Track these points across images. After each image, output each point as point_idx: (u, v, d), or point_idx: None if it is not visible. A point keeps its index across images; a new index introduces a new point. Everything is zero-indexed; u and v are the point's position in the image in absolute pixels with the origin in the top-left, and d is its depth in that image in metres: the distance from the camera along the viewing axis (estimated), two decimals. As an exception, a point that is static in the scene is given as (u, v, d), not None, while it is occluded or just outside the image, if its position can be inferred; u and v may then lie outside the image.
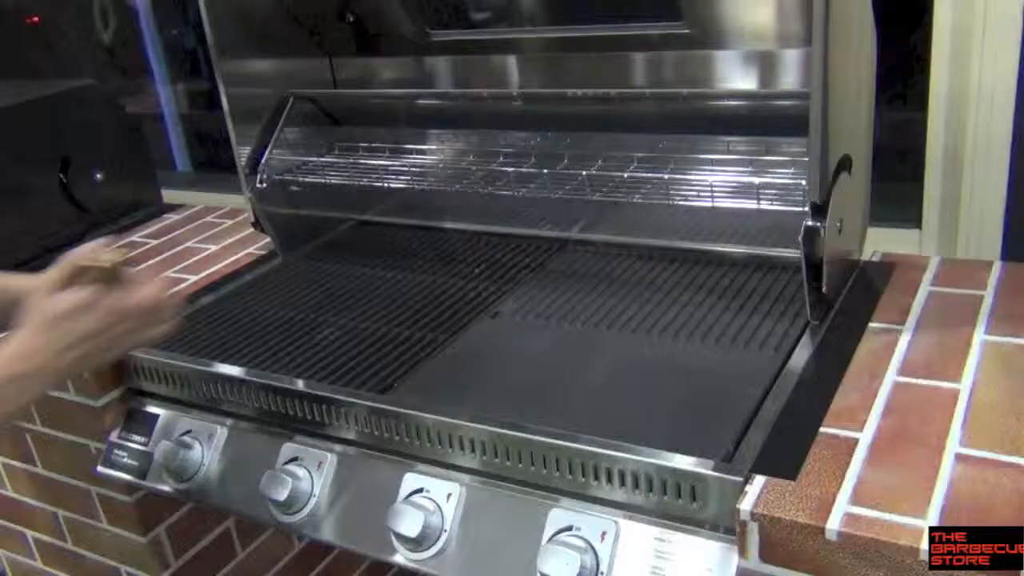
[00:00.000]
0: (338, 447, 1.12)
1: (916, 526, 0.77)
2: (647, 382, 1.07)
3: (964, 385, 0.96)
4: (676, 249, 1.38)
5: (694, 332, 1.16)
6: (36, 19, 2.48)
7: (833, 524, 0.79)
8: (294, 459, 1.13)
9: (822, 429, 0.92)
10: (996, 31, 1.22)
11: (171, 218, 1.91)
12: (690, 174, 1.22)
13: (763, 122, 1.26)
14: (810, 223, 1.05)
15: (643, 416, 1.00)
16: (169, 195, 2.03)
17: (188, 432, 1.23)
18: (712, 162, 1.27)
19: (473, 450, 1.01)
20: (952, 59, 1.28)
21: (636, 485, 0.91)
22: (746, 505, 0.83)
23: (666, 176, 1.22)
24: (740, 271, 1.30)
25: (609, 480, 0.93)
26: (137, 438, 1.27)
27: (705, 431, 0.94)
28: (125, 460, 1.28)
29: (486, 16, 1.50)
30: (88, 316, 0.94)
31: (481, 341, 1.21)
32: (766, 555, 0.83)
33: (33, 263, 1.55)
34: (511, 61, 1.47)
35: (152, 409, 1.28)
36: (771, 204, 1.15)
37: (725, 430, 0.93)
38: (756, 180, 1.16)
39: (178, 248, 1.71)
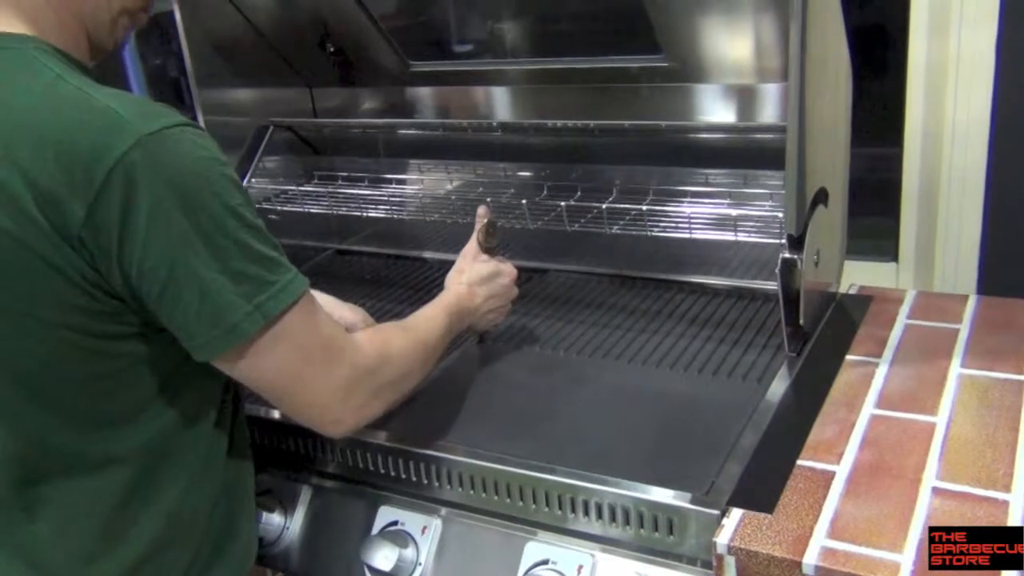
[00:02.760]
0: (313, 478, 1.10)
1: (893, 561, 0.77)
2: (625, 413, 1.06)
3: (940, 418, 0.96)
4: (656, 280, 1.38)
5: (674, 362, 1.15)
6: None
7: (810, 558, 0.78)
8: (268, 491, 1.11)
9: (799, 462, 0.92)
10: (970, 68, 1.24)
11: (148, 246, 1.89)
12: (668, 205, 1.23)
13: (741, 155, 1.27)
14: (787, 255, 1.05)
15: (621, 447, 0.99)
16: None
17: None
18: (690, 194, 1.27)
19: (449, 482, 1.00)
20: (927, 96, 1.30)
21: (613, 518, 0.91)
22: (723, 539, 0.82)
23: (644, 207, 1.22)
24: (720, 302, 1.30)
25: (586, 513, 0.92)
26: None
27: (682, 463, 0.94)
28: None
29: (467, 48, 1.51)
30: (502, 280, 1.17)
31: (465, 367, 1.20)
32: (743, 589, 0.82)
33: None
34: (492, 92, 1.48)
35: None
36: (749, 236, 1.15)
37: (703, 463, 0.92)
38: (734, 212, 1.16)
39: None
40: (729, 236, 1.16)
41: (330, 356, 0.85)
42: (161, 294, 0.77)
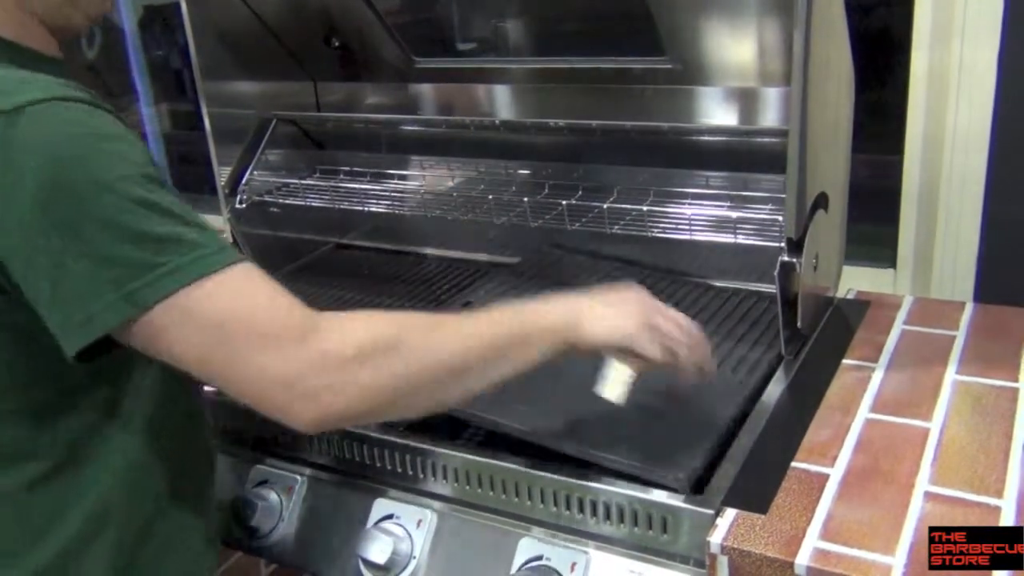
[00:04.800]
0: (308, 470, 1.11)
1: (885, 563, 0.77)
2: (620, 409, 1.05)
3: (935, 424, 0.97)
4: (656, 276, 1.38)
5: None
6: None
7: (802, 559, 0.79)
8: (263, 482, 1.12)
9: (794, 464, 0.92)
10: (972, 77, 1.25)
11: (149, 236, 1.89)
12: (669, 207, 1.23)
13: (742, 158, 1.28)
14: (786, 259, 1.06)
15: (614, 440, 0.99)
16: (148, 213, 2.01)
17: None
18: (691, 196, 1.28)
19: (445, 476, 1.00)
20: (928, 103, 1.30)
21: (607, 516, 0.91)
22: (716, 538, 0.83)
23: (645, 208, 1.23)
24: (719, 304, 1.31)
25: (581, 510, 0.92)
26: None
27: (676, 462, 0.94)
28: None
29: (471, 46, 1.51)
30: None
31: None
32: (735, 589, 0.83)
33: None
34: (495, 90, 1.48)
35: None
36: (748, 239, 1.16)
37: (695, 460, 0.93)
38: (734, 215, 1.16)
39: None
40: (729, 238, 1.16)
41: (264, 337, 0.74)
42: (24, 284, 0.73)
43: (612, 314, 0.88)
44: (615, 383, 0.90)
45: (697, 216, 1.20)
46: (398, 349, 0.78)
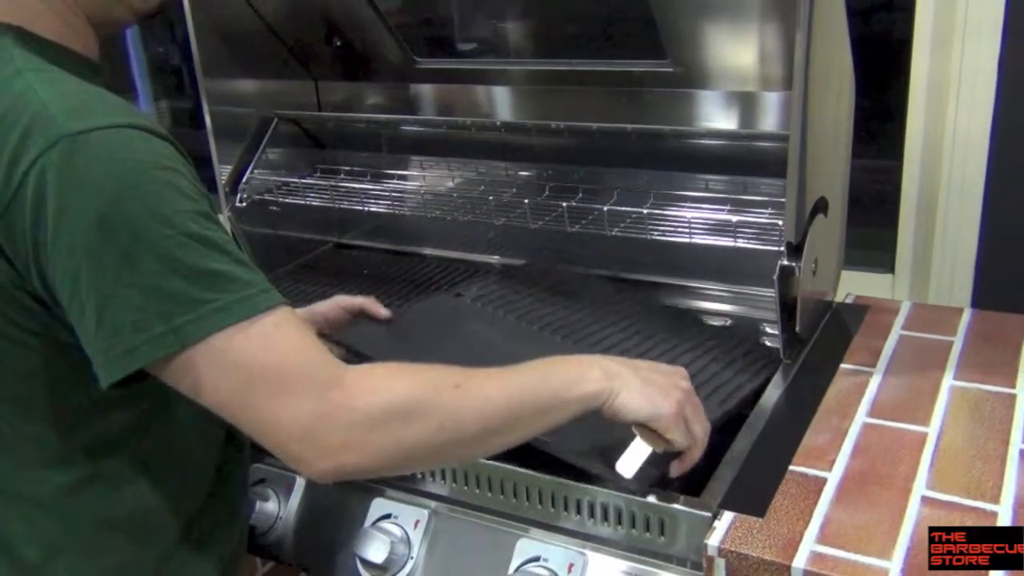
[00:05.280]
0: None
1: (881, 567, 0.78)
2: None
3: (932, 429, 0.97)
4: (652, 283, 1.39)
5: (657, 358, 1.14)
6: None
7: (799, 563, 0.79)
8: (262, 480, 1.12)
9: (791, 468, 0.92)
10: (972, 83, 1.25)
11: (148, 234, 1.89)
12: (668, 210, 1.23)
13: (742, 161, 1.28)
14: (785, 263, 1.06)
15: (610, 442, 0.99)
16: (147, 211, 2.01)
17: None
18: (691, 199, 1.28)
19: (443, 476, 1.00)
20: (928, 109, 1.31)
21: (605, 517, 0.91)
22: (713, 541, 0.83)
23: (645, 211, 1.23)
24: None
25: (578, 511, 0.93)
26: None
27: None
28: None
29: (473, 47, 1.51)
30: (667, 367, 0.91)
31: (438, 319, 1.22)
32: (732, 592, 0.83)
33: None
34: (495, 92, 1.48)
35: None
36: (748, 242, 1.16)
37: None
38: (733, 218, 1.17)
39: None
40: (728, 242, 1.17)
41: (287, 386, 0.73)
42: (69, 307, 0.73)
43: (651, 392, 0.85)
44: (635, 458, 0.87)
45: (697, 219, 1.20)
46: (425, 415, 0.76)
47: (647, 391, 0.85)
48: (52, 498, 0.84)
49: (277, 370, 0.73)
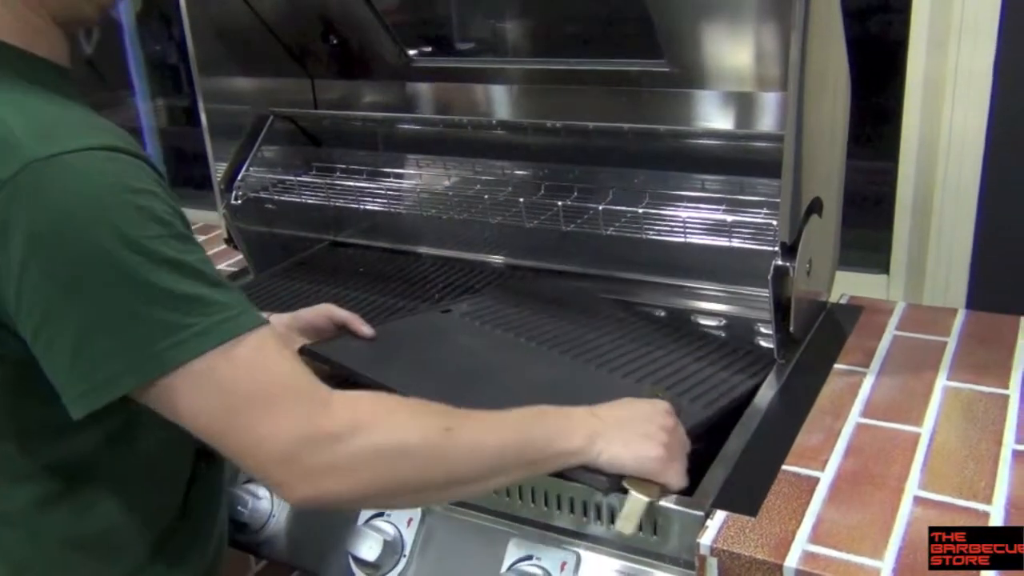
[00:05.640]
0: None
1: (873, 566, 0.78)
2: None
3: (925, 429, 0.97)
4: (646, 282, 1.39)
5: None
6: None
7: (791, 562, 0.79)
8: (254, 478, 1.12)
9: (784, 467, 0.92)
10: (968, 84, 1.25)
11: (143, 231, 1.89)
12: (664, 209, 1.24)
13: (738, 161, 1.28)
14: (780, 263, 1.06)
15: None
16: (143, 208, 2.01)
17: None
18: (686, 199, 1.28)
19: (436, 475, 1.00)
20: (924, 110, 1.31)
21: (598, 516, 0.91)
22: (706, 540, 0.83)
23: (640, 210, 1.23)
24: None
25: (571, 510, 0.93)
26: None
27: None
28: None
29: (469, 46, 1.51)
30: (651, 408, 0.91)
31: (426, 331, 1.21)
32: (724, 591, 0.83)
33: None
34: (492, 91, 1.48)
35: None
36: (743, 242, 1.16)
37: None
38: (728, 218, 1.17)
39: (149, 261, 1.69)
40: (723, 242, 1.17)
41: (271, 409, 0.72)
42: (34, 338, 0.71)
43: (635, 445, 0.85)
44: (634, 515, 0.85)
45: (692, 219, 1.20)
46: (413, 457, 0.77)
47: (631, 445, 0.85)
48: (19, 515, 0.82)
49: (260, 392, 0.73)
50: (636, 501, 0.85)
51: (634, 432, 0.86)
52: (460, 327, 1.24)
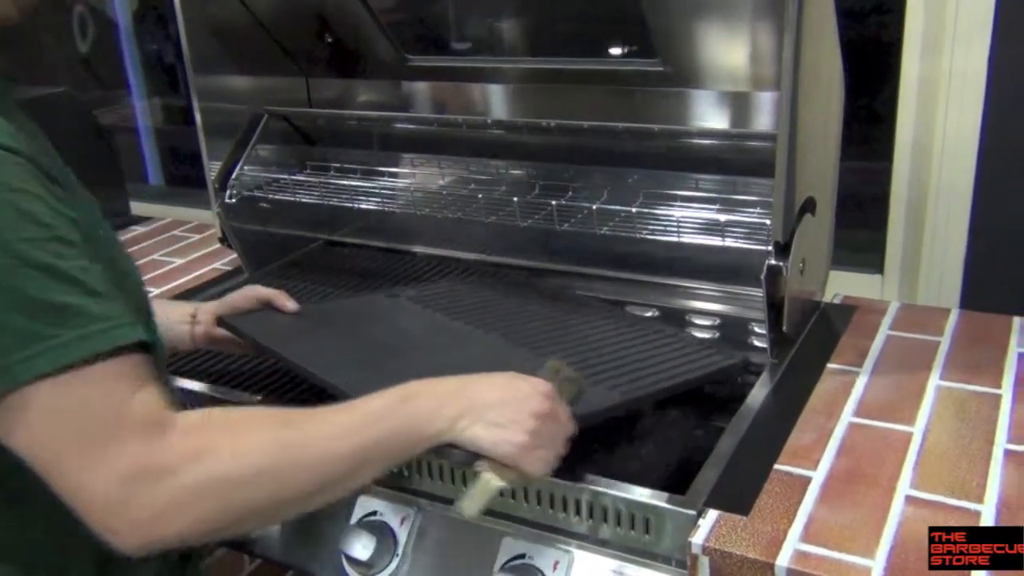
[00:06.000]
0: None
1: (864, 565, 0.78)
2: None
3: (917, 429, 0.98)
4: (640, 282, 1.39)
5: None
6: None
7: (783, 561, 0.79)
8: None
9: (776, 466, 0.92)
10: (962, 85, 1.25)
11: (138, 230, 1.90)
12: (658, 209, 1.24)
13: (732, 161, 1.28)
14: (773, 262, 1.06)
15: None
16: (139, 207, 2.01)
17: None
18: (680, 198, 1.28)
19: (429, 474, 1.00)
20: (918, 111, 1.31)
21: (591, 515, 0.91)
22: (697, 539, 0.83)
23: (634, 210, 1.23)
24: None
25: (564, 509, 0.93)
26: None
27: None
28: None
29: (464, 45, 1.51)
30: (541, 402, 0.84)
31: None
32: (716, 589, 0.83)
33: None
34: (487, 90, 1.48)
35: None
36: (736, 242, 1.16)
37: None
38: (722, 217, 1.17)
39: (143, 260, 1.69)
40: (717, 241, 1.17)
41: (96, 447, 0.66)
42: None
43: (502, 425, 0.81)
44: (481, 496, 0.83)
45: (686, 219, 1.20)
46: (258, 478, 0.71)
47: (493, 428, 0.81)
48: None
49: (91, 425, 0.67)
50: (485, 483, 0.82)
51: (500, 415, 0.81)
52: (401, 310, 1.23)
